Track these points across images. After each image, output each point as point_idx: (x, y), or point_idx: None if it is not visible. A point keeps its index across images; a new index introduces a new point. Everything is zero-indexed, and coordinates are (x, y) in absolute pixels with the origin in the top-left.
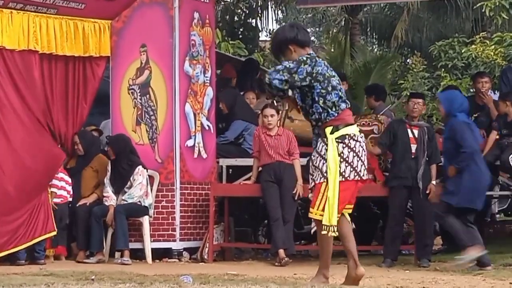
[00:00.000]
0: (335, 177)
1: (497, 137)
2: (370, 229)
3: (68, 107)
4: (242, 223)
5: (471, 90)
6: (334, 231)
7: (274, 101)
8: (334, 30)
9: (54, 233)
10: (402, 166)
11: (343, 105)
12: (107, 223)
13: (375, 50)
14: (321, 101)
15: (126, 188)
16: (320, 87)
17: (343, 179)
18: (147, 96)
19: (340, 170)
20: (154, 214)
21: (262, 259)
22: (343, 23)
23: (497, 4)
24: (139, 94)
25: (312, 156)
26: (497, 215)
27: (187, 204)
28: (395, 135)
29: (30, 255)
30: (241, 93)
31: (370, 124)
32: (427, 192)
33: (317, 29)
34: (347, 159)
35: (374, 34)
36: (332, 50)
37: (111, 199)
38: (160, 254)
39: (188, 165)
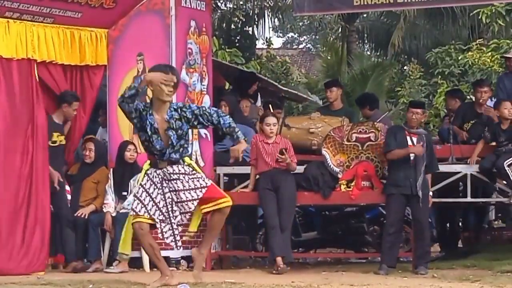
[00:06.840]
0: None
1: (494, 144)
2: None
3: None
4: (239, 231)
5: (468, 97)
6: None
7: (271, 108)
8: (331, 38)
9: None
10: (400, 174)
11: None
12: (106, 229)
13: (372, 57)
14: None
15: (126, 195)
16: None
17: None
18: None
19: None
20: None
21: (260, 267)
22: (339, 30)
23: (494, 11)
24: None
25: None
26: (495, 222)
27: None
28: (395, 139)
29: None
30: None
31: (367, 131)
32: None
33: (314, 36)
34: None
35: (371, 41)
36: (329, 57)
37: (109, 206)
38: None
39: None
